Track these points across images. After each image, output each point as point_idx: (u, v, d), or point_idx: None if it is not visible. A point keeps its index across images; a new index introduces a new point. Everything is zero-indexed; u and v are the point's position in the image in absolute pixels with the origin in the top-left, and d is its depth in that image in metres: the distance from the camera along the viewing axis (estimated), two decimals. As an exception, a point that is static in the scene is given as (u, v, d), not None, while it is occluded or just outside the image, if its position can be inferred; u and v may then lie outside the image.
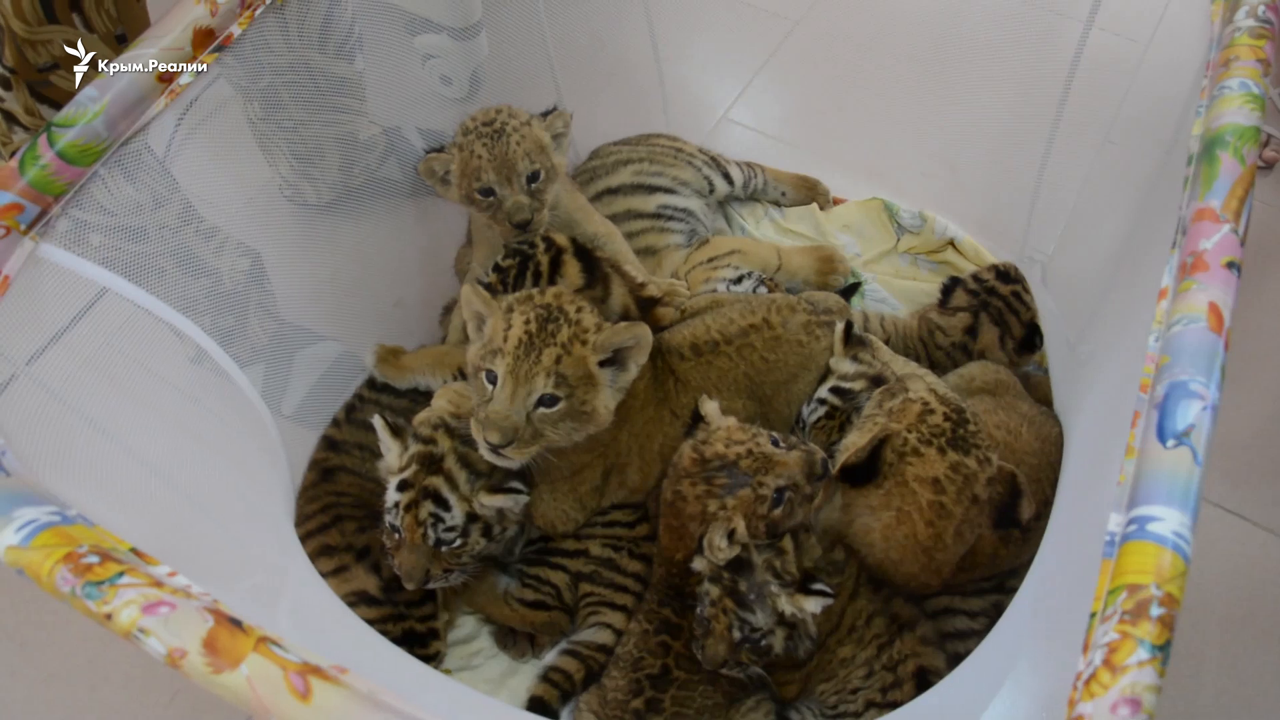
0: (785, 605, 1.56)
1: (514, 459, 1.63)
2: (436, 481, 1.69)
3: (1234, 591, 2.03)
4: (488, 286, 1.83)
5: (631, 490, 1.89)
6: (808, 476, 1.64)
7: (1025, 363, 2.17)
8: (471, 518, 1.71)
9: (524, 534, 1.91)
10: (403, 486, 1.70)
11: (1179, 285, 1.11)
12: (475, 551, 1.74)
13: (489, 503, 1.71)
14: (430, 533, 1.68)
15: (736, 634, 1.58)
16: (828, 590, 1.55)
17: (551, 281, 1.84)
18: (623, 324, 1.68)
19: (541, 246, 1.87)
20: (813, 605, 1.55)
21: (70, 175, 1.32)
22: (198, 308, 1.67)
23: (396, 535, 1.71)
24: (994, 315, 2.13)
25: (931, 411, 1.69)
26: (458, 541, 1.71)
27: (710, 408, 1.74)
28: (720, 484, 1.63)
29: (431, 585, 1.75)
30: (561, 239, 1.90)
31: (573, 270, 1.85)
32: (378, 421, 1.75)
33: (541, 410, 1.61)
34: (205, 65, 1.45)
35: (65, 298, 1.42)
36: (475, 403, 1.66)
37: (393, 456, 1.74)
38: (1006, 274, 2.18)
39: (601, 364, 1.66)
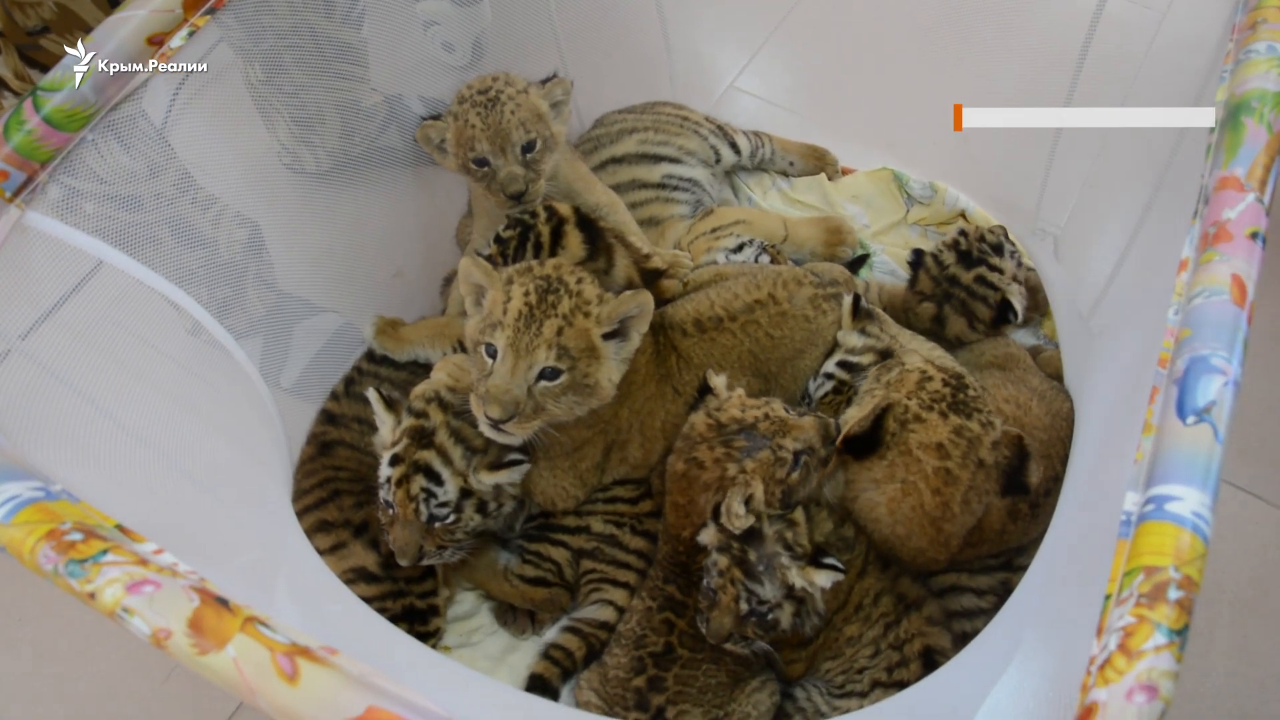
0: (795, 578, 1.54)
1: (515, 434, 1.60)
2: (428, 455, 1.66)
3: (1246, 570, 2.00)
4: (488, 258, 1.79)
5: (633, 467, 1.87)
6: (823, 440, 1.65)
7: (999, 334, 2.09)
8: (465, 493, 1.68)
9: (524, 509, 1.89)
10: (394, 461, 1.67)
11: (1200, 256, 1.08)
12: (470, 527, 1.72)
13: (489, 480, 1.69)
14: (423, 508, 1.66)
15: (744, 606, 1.56)
16: (838, 565, 1.53)
17: (553, 253, 1.80)
18: (627, 293, 1.65)
19: (543, 216, 1.83)
20: (823, 579, 1.53)
21: (57, 141, 1.30)
22: (194, 279, 1.64)
23: (390, 510, 1.68)
24: (957, 306, 2.04)
25: (929, 378, 1.66)
26: (451, 517, 1.68)
27: (718, 380, 1.71)
28: (739, 446, 1.61)
29: (426, 562, 1.73)
30: (564, 209, 1.86)
31: (574, 241, 1.81)
32: (372, 394, 1.72)
33: (543, 384, 1.58)
34: (197, 27, 1.42)
35: (58, 269, 1.40)
36: (475, 377, 1.63)
37: (386, 430, 1.71)
38: (968, 255, 2.05)
39: (605, 336, 1.63)
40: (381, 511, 1.72)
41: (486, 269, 1.65)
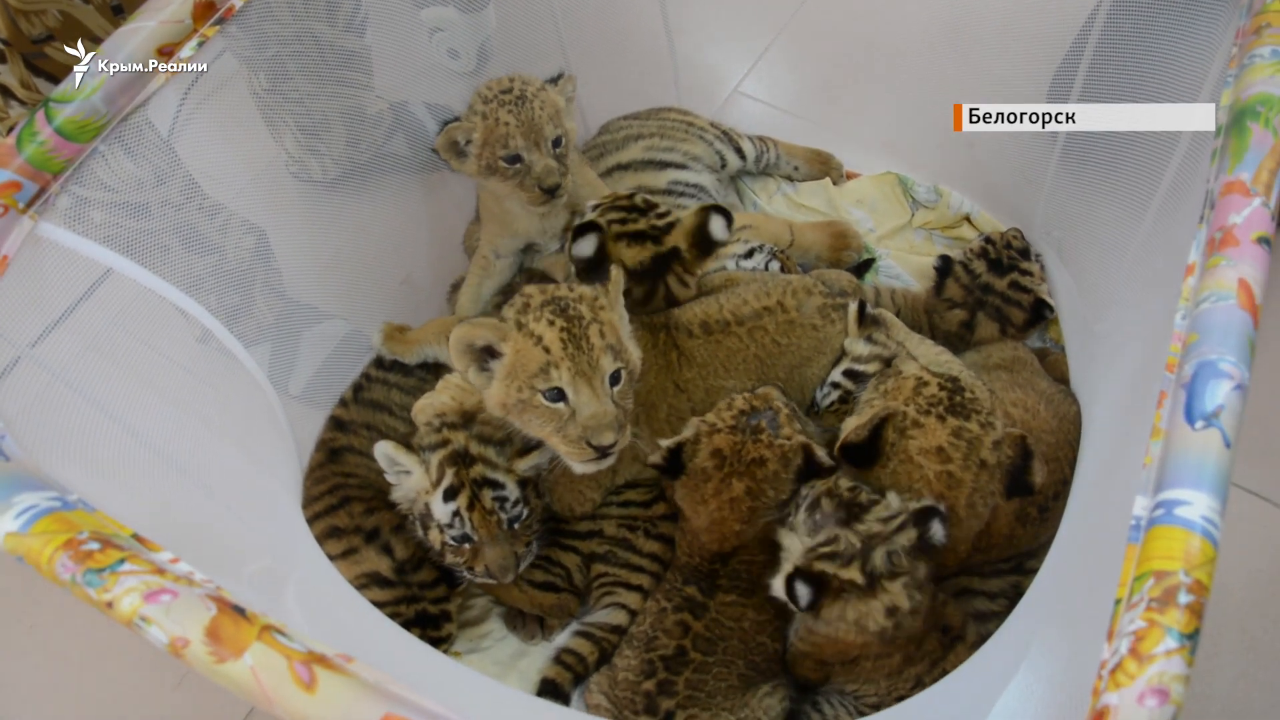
0: (777, 577, 1.56)
1: (615, 454, 1.61)
2: (480, 469, 1.69)
3: (1254, 573, 2.00)
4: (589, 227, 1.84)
5: (644, 464, 1.86)
6: (784, 399, 1.77)
7: (1029, 335, 2.12)
8: (522, 483, 1.74)
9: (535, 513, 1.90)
10: (450, 494, 1.68)
11: (1207, 261, 1.08)
12: (538, 514, 1.77)
13: (524, 465, 1.73)
14: (502, 516, 1.70)
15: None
16: (812, 606, 1.52)
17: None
18: (612, 273, 1.69)
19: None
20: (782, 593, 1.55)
21: (69, 152, 1.30)
22: (202, 286, 1.65)
23: (468, 544, 1.71)
24: (991, 313, 2.06)
25: (925, 383, 1.66)
26: (525, 512, 1.73)
27: (675, 439, 1.73)
28: (762, 425, 1.67)
29: (523, 567, 1.78)
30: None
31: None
32: (387, 446, 1.71)
33: (614, 389, 1.60)
34: (206, 38, 1.42)
35: (68, 278, 1.40)
36: (550, 430, 1.60)
37: (419, 476, 1.72)
38: (999, 263, 2.08)
39: None
40: (456, 553, 1.73)
41: (491, 324, 1.61)
